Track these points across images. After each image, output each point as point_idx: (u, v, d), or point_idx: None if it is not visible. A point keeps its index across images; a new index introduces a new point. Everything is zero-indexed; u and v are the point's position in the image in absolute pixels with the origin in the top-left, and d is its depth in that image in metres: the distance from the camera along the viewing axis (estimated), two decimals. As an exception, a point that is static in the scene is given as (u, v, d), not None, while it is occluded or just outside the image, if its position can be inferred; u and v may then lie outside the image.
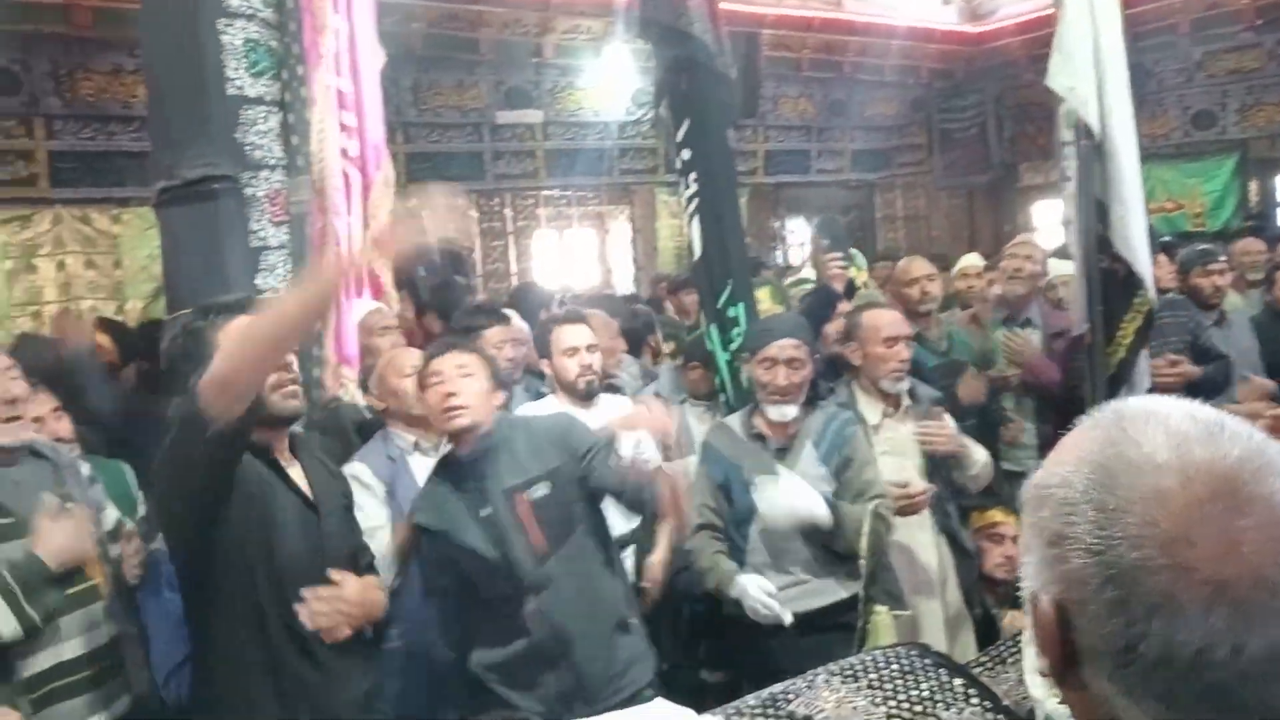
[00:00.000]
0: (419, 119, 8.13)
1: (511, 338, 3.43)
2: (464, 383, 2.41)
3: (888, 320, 3.15)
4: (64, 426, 2.71)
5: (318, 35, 3.33)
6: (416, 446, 2.82)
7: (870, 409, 3.11)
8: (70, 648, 2.27)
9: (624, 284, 9.27)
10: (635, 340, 4.41)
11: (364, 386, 3.14)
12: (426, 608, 2.57)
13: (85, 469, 2.51)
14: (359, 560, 2.34)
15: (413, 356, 2.81)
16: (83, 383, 3.53)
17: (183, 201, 3.26)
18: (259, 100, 3.24)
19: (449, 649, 2.52)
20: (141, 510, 2.85)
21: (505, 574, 2.39)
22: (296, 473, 2.24)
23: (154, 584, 2.50)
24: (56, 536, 2.23)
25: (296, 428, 2.39)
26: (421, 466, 2.71)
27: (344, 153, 3.36)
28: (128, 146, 6.72)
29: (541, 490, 2.43)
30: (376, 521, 2.61)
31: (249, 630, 2.12)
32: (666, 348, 5.06)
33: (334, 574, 2.15)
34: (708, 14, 3.47)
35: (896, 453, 3.07)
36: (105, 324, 5.18)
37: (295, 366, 2.25)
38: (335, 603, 2.13)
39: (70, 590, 2.28)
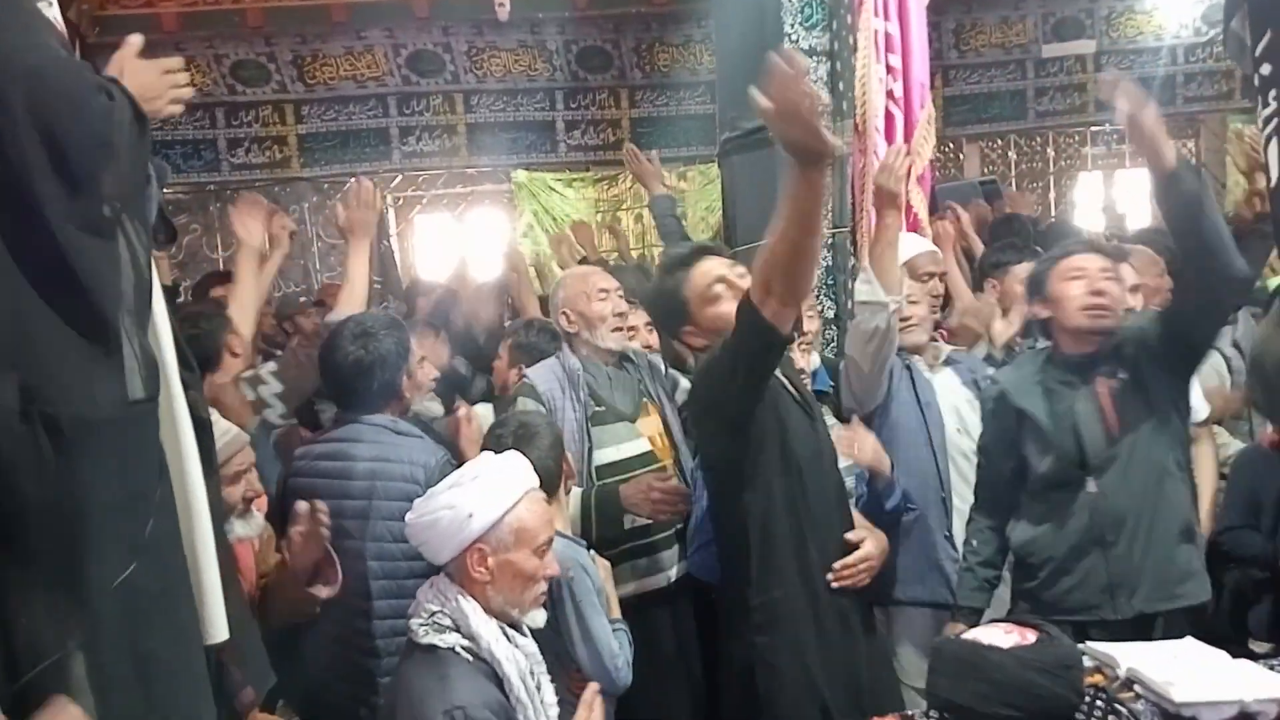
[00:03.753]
0: (960, 60, 8.01)
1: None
2: (1109, 284, 2.48)
3: None
4: (653, 338, 3.25)
5: (866, -17, 3.51)
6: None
7: None
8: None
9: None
10: None
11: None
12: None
13: (661, 366, 3.02)
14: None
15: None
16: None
17: (742, 150, 3.69)
18: (810, 51, 3.53)
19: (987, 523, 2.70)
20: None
21: (1071, 454, 2.45)
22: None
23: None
24: (643, 501, 2.62)
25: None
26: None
27: (889, 94, 3.51)
28: (693, 110, 7.53)
29: (1122, 375, 2.46)
30: None
31: (772, 521, 2.27)
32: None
33: (851, 536, 2.30)
34: (1301, -93, 3.03)
35: None
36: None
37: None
38: (859, 565, 2.28)
39: (652, 467, 2.78)
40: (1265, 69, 3.17)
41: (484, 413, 3.03)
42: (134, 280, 1.16)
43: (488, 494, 1.88)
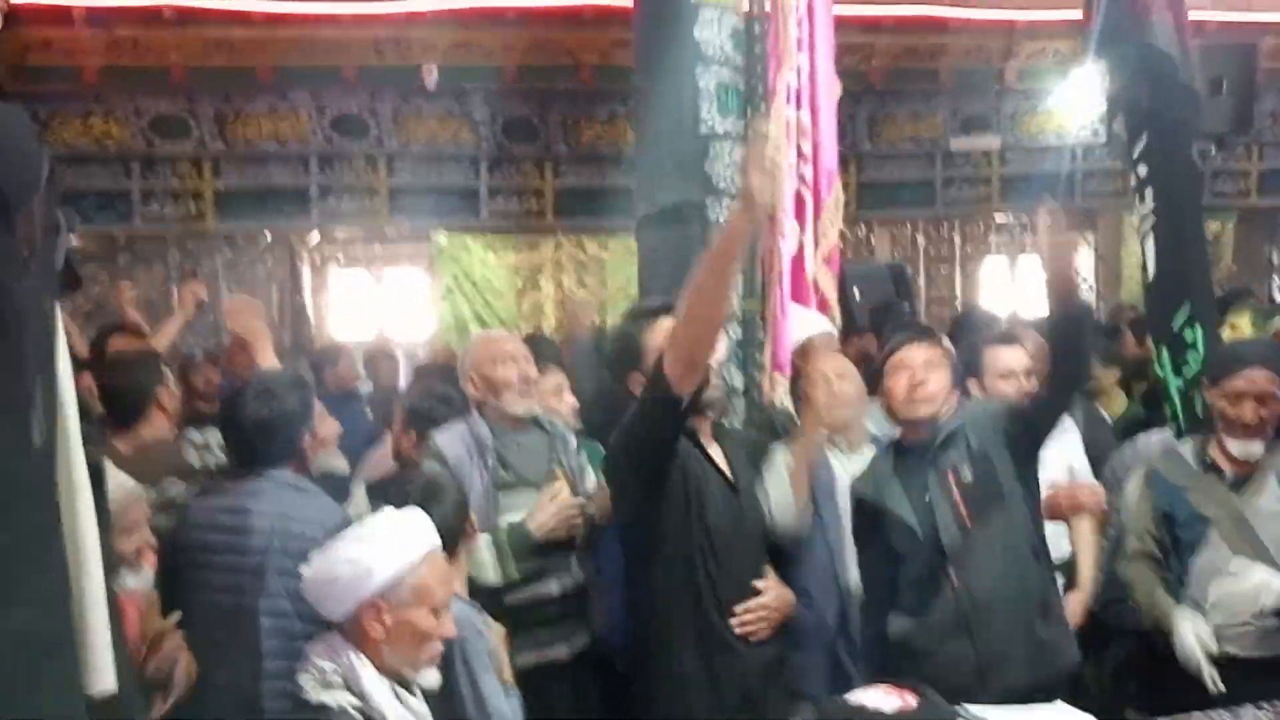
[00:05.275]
0: (873, 150, 8.37)
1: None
2: (932, 374, 2.58)
3: None
4: (562, 407, 3.28)
5: (780, 73, 3.68)
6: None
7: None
8: (549, 586, 2.78)
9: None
10: None
11: (794, 394, 3.39)
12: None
13: (573, 440, 3.04)
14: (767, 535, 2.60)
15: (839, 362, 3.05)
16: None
17: (658, 225, 3.79)
18: (725, 136, 3.67)
19: (872, 617, 2.71)
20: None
21: (931, 546, 2.52)
22: (717, 453, 2.57)
23: (609, 544, 2.94)
24: (547, 514, 2.74)
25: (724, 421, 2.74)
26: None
27: (800, 178, 3.67)
28: (615, 183, 7.69)
29: (970, 472, 2.53)
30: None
31: (678, 586, 2.44)
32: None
33: (757, 584, 2.46)
34: (1173, 25, 3.32)
35: None
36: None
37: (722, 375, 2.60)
38: (759, 611, 2.44)
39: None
40: (1142, 170, 3.43)
41: None
42: (39, 325, 1.18)
43: (389, 550, 1.87)
